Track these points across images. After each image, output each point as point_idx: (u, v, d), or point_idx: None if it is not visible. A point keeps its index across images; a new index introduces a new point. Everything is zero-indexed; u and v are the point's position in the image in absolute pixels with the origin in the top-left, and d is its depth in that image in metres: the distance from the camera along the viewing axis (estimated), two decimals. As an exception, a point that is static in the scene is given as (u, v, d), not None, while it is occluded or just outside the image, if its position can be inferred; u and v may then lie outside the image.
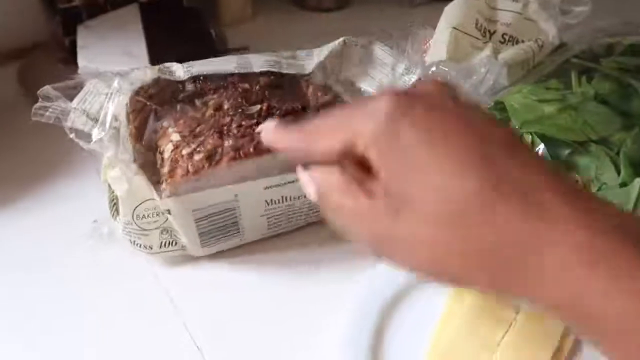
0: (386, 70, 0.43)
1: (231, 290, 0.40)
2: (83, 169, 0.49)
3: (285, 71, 0.41)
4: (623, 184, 0.38)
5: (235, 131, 0.36)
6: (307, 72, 0.42)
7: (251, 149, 0.36)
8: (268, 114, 0.38)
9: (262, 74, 0.41)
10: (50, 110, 0.33)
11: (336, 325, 0.37)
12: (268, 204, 0.40)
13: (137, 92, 0.38)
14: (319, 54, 0.43)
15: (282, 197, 0.40)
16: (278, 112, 0.38)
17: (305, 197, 0.39)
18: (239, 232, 0.41)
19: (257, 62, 0.41)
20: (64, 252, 0.43)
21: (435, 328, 0.37)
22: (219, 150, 0.36)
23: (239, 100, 0.39)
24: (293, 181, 0.39)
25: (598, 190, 0.39)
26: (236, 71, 0.40)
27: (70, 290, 0.40)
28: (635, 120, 0.42)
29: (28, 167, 0.51)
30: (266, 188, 0.39)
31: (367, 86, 0.44)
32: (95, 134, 0.34)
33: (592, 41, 0.52)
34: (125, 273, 0.41)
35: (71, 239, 0.43)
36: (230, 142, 0.36)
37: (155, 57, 0.57)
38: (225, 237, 0.41)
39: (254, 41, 0.68)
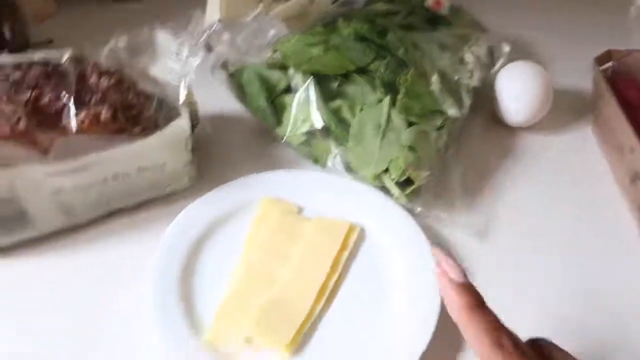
0: (172, 56, 0.45)
1: (35, 278, 0.41)
2: None
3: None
4: (379, 101, 0.46)
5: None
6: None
7: (7, 130, 0.36)
8: (37, 101, 0.38)
9: (40, 65, 0.41)
10: None
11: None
12: (56, 194, 0.39)
13: None
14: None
15: (71, 187, 0.40)
16: (47, 98, 0.38)
17: (97, 185, 0.40)
18: (29, 223, 0.40)
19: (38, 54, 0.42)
20: None
21: (242, 248, 0.42)
22: None
23: (10, 89, 0.39)
24: (75, 170, 0.39)
25: (360, 110, 0.46)
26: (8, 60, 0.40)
27: None
28: (388, 51, 0.50)
29: None
30: (49, 175, 0.38)
31: (158, 73, 0.45)
32: None
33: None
34: None
35: None
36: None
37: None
38: (14, 230, 0.40)
39: (59, 35, 0.68)
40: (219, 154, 0.52)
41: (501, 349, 0.25)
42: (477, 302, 0.27)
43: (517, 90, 0.54)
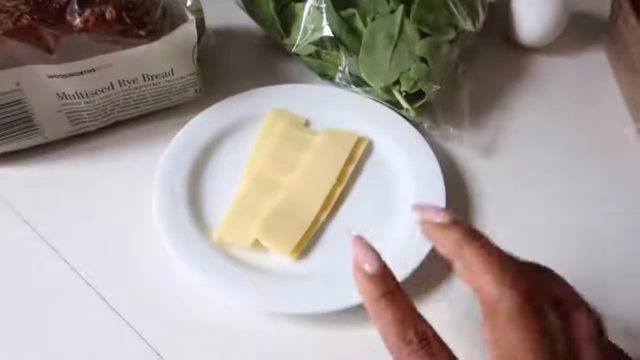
0: None
1: (56, 182, 0.41)
2: None
3: None
4: (392, 11, 0.44)
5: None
6: None
7: (10, 25, 0.34)
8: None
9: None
10: None
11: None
12: (62, 98, 0.39)
13: None
14: None
15: (77, 92, 0.39)
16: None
17: (104, 91, 0.40)
18: (36, 129, 0.40)
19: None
20: None
21: (250, 155, 0.42)
22: None
23: None
24: (81, 72, 0.38)
25: (372, 19, 0.44)
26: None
27: None
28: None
29: None
30: (50, 77, 0.37)
31: None
32: None
33: None
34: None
35: None
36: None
37: None
38: (21, 135, 0.40)
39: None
40: (225, 67, 0.51)
41: (406, 345, 0.22)
42: (387, 290, 0.24)
43: (531, 7, 0.53)
